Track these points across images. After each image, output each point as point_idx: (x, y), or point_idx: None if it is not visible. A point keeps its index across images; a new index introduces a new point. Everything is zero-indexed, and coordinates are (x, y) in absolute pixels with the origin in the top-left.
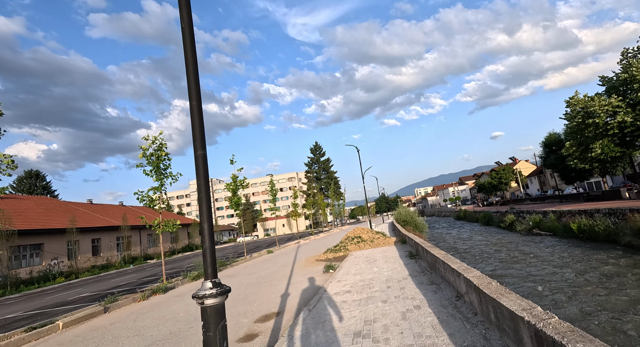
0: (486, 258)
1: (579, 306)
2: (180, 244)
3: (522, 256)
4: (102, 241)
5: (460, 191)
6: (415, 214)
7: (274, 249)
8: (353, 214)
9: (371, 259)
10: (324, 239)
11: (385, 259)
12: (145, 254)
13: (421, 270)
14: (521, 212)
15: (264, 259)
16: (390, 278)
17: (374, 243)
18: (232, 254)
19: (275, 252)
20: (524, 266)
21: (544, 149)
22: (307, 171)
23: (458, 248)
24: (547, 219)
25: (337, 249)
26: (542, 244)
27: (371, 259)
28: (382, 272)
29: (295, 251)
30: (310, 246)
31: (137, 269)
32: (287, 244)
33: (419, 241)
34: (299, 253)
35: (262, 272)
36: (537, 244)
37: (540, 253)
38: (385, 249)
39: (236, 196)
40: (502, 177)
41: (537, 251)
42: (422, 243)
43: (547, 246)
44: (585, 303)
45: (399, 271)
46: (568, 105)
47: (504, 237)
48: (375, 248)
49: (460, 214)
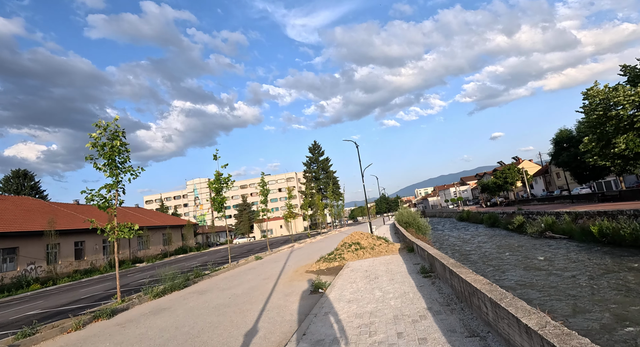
0: (501, 265)
1: None
2: (173, 246)
3: (543, 263)
4: (86, 243)
5: (461, 192)
6: (418, 214)
7: (264, 255)
8: (353, 215)
9: (372, 274)
10: (320, 242)
11: (391, 275)
12: (135, 257)
13: (445, 301)
14: (530, 214)
15: (248, 268)
16: (401, 314)
17: (374, 251)
18: (219, 259)
19: (264, 259)
20: (547, 274)
21: (554, 147)
22: (306, 171)
23: (465, 251)
24: (560, 221)
25: (331, 257)
26: (561, 248)
27: (372, 274)
28: (388, 299)
29: (286, 256)
30: (304, 251)
31: (120, 274)
32: (280, 248)
33: (434, 253)
34: (290, 260)
35: (238, 288)
36: (554, 248)
37: (562, 260)
38: (389, 260)
39: (220, 196)
40: (507, 177)
41: (557, 257)
42: (440, 257)
43: (567, 250)
44: None
45: (412, 300)
46: (586, 97)
47: (514, 240)
48: (377, 258)
49: (463, 215)
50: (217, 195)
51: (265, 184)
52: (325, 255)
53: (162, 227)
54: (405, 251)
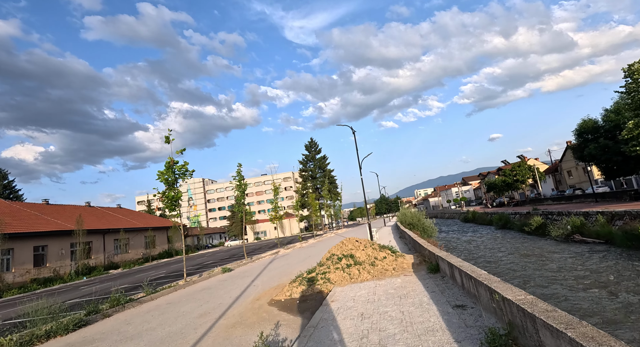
0: (535, 277)
1: None
2: (157, 250)
3: (603, 278)
4: (49, 248)
5: (464, 192)
6: (422, 215)
7: (237, 265)
8: (352, 216)
9: (375, 325)
10: (311, 247)
11: (415, 335)
12: (111, 262)
13: None
14: (549, 214)
15: (200, 288)
16: None
17: (376, 269)
18: (190, 268)
19: (234, 271)
20: (605, 293)
21: (577, 139)
22: (302, 169)
23: (484, 259)
24: (591, 222)
25: (312, 277)
26: (605, 257)
27: (375, 325)
28: None
29: (262, 268)
30: (287, 260)
31: (87, 283)
32: (262, 255)
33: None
34: (261, 276)
35: (151, 335)
36: (596, 257)
37: (629, 276)
38: (401, 287)
39: (174, 190)
40: (517, 175)
41: (610, 270)
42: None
43: (616, 260)
44: None
45: None
46: (629, 73)
47: (536, 244)
48: (381, 281)
49: (469, 216)
50: (170, 189)
51: (243, 178)
52: (305, 272)
53: (144, 229)
54: (424, 270)
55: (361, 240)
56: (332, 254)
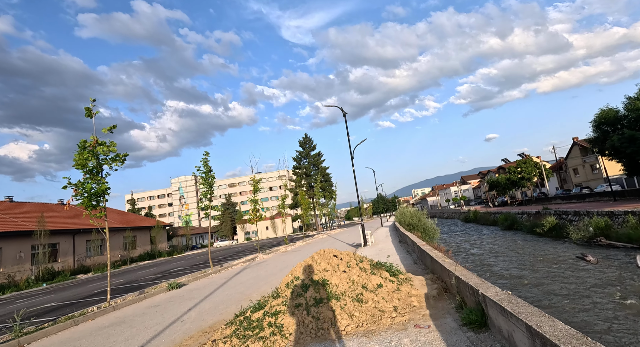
0: (581, 299)
1: None
2: (138, 251)
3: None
4: (4, 251)
5: (463, 191)
6: (423, 214)
7: (196, 276)
8: (349, 215)
9: None
10: (295, 253)
11: None
12: (82, 265)
13: None
14: (564, 214)
15: (107, 324)
16: None
17: (365, 308)
18: (159, 274)
19: (182, 289)
20: None
21: (595, 131)
22: (295, 167)
23: (510, 274)
24: (618, 224)
25: (258, 320)
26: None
27: None
28: None
29: (218, 285)
30: (258, 270)
31: (46, 291)
32: (235, 262)
33: None
34: (207, 300)
35: None
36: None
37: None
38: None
39: (94, 180)
40: (523, 172)
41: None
42: None
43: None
44: None
45: None
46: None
47: (554, 249)
48: (373, 337)
49: (470, 216)
50: (90, 178)
51: (211, 169)
52: (250, 308)
53: (122, 229)
54: (449, 313)
55: (343, 253)
56: (295, 278)
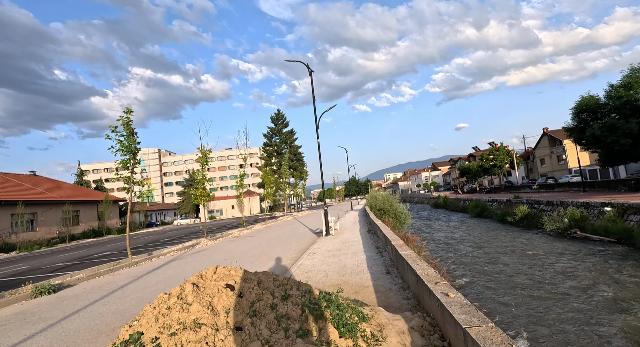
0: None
1: None
2: (82, 228)
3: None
4: None
5: (433, 177)
6: (395, 199)
7: (95, 271)
8: (321, 197)
9: None
10: (248, 239)
11: None
12: (4, 243)
13: None
14: (536, 203)
15: None
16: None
17: None
18: (86, 257)
19: (58, 295)
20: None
21: (574, 119)
22: (266, 144)
23: (483, 260)
24: (594, 216)
25: None
26: (630, 263)
27: None
28: None
29: (109, 291)
30: (182, 267)
31: None
32: (172, 248)
33: None
34: (64, 323)
35: None
36: (621, 263)
37: None
38: None
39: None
40: (495, 159)
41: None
42: None
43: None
44: None
45: None
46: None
47: (528, 240)
48: None
49: (440, 202)
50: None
51: (133, 132)
52: None
53: (60, 202)
54: None
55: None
56: (136, 335)
